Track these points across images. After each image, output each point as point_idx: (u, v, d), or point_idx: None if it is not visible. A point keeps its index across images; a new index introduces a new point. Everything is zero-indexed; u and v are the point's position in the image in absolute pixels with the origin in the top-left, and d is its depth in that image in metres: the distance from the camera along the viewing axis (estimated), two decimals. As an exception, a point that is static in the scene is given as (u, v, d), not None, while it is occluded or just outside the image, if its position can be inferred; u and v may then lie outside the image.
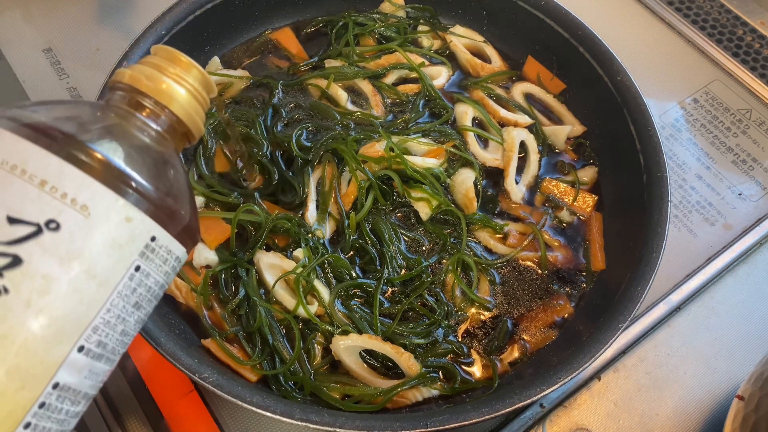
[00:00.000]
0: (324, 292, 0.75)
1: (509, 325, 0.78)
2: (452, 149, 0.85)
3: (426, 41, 0.99)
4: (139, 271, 0.48)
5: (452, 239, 0.81)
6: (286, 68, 0.95)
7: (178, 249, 0.52)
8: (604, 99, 0.87)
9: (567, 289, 0.81)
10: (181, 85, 0.54)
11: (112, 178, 0.46)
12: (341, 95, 0.90)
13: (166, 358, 0.64)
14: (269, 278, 0.76)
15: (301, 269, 0.74)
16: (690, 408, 0.80)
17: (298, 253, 0.77)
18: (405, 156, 0.81)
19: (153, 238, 0.48)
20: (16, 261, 0.42)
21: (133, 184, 0.47)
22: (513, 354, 0.76)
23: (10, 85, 0.99)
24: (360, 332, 0.73)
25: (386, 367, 0.73)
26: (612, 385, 0.81)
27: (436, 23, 1.00)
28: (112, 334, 0.47)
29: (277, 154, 0.85)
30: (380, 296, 0.76)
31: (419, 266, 0.78)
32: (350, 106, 0.90)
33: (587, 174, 0.89)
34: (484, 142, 0.90)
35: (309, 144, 0.85)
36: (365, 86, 0.92)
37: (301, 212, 0.81)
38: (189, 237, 0.53)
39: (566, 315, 0.79)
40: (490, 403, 0.64)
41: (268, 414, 0.62)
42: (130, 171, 0.47)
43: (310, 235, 0.78)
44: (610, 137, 0.88)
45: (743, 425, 0.67)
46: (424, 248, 0.81)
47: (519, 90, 0.95)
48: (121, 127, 0.51)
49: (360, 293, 0.77)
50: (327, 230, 0.80)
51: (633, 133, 0.82)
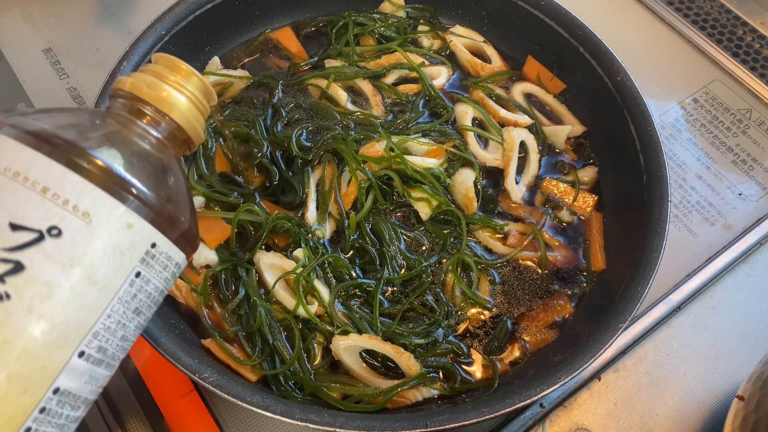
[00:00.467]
0: (324, 292, 0.75)
1: (509, 325, 0.78)
2: (452, 149, 0.85)
3: (426, 41, 0.99)
4: (140, 277, 0.48)
5: (452, 239, 0.81)
6: (286, 68, 0.95)
7: (178, 255, 0.52)
8: (604, 99, 0.87)
9: (567, 289, 0.81)
10: (182, 93, 0.54)
11: (114, 185, 0.46)
12: (341, 95, 0.90)
13: (166, 358, 0.64)
14: (269, 278, 0.76)
15: (301, 269, 0.75)
16: (690, 408, 0.80)
17: (298, 253, 0.77)
18: (405, 156, 0.81)
19: (153, 245, 0.48)
20: (18, 267, 0.43)
21: (134, 191, 0.47)
22: (513, 354, 0.76)
23: (10, 85, 0.99)
24: (360, 332, 0.73)
25: (386, 367, 0.73)
26: (612, 385, 0.81)
27: (436, 23, 1.00)
28: (112, 339, 0.48)
29: (277, 154, 0.85)
30: (380, 296, 0.76)
31: (419, 266, 0.78)
32: (350, 106, 0.90)
33: (587, 174, 0.89)
34: (484, 142, 0.90)
35: (309, 144, 0.85)
36: (365, 86, 0.92)
37: (301, 212, 0.81)
38: (188, 243, 0.53)
39: (566, 315, 0.79)
40: (490, 403, 0.64)
41: (268, 414, 0.62)
42: (131, 178, 0.47)
43: (310, 235, 0.79)
44: (610, 137, 0.88)
45: (743, 425, 0.67)
46: (424, 248, 0.81)
47: (519, 90, 0.95)
48: (123, 135, 0.51)
49: (360, 293, 0.77)
50: (327, 230, 0.80)
51: (633, 133, 0.82)
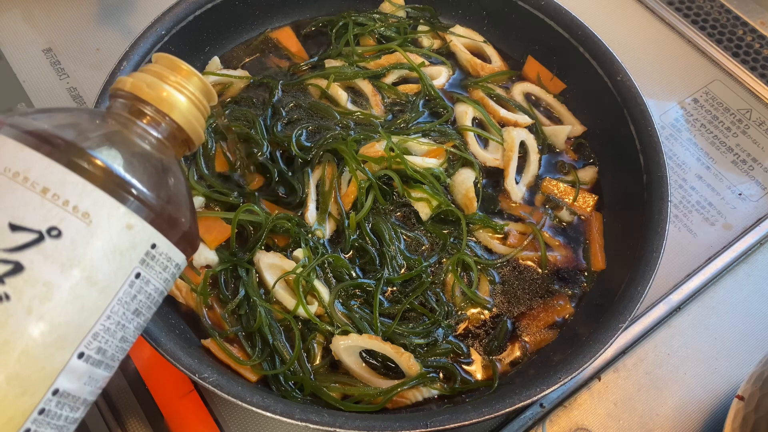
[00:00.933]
0: (324, 292, 0.75)
1: (509, 324, 0.78)
2: (452, 149, 0.85)
3: (426, 41, 0.99)
4: (140, 278, 0.48)
5: (452, 239, 0.81)
6: (286, 68, 0.95)
7: (178, 256, 0.52)
8: (604, 99, 0.87)
9: (567, 289, 0.81)
10: (182, 93, 0.54)
11: (114, 186, 0.46)
12: (341, 95, 0.90)
13: (166, 358, 0.64)
14: (269, 278, 0.76)
15: (301, 269, 0.75)
16: (690, 408, 0.80)
17: (298, 253, 0.77)
18: (405, 156, 0.81)
19: (153, 246, 0.48)
20: (17, 268, 0.43)
21: (135, 192, 0.47)
22: (513, 354, 0.76)
23: (10, 85, 0.99)
24: (360, 332, 0.73)
25: (386, 367, 0.73)
26: (612, 385, 0.81)
27: (436, 23, 1.00)
28: (111, 340, 0.47)
29: (277, 154, 0.85)
30: (380, 296, 0.76)
31: (419, 266, 0.78)
32: (350, 106, 0.90)
33: (587, 174, 0.89)
34: (484, 142, 0.90)
35: (309, 144, 0.85)
36: (365, 86, 0.92)
37: (300, 212, 0.81)
38: (189, 244, 0.53)
39: (566, 315, 0.79)
40: (490, 403, 0.64)
41: (268, 414, 0.62)
42: (131, 178, 0.47)
43: (310, 235, 0.78)
44: (610, 137, 0.88)
45: (743, 425, 0.67)
46: (424, 248, 0.81)
47: (519, 90, 0.95)
48: (123, 135, 0.51)
49: (360, 293, 0.77)
50: (327, 230, 0.80)
51: (633, 133, 0.82)
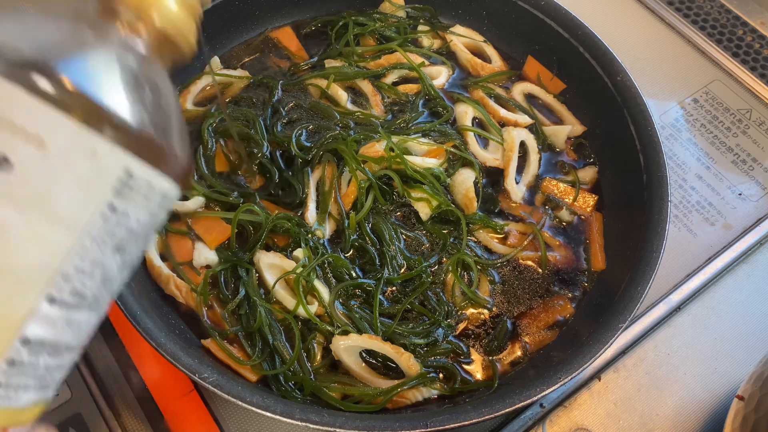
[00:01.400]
0: (324, 292, 0.75)
1: (509, 325, 0.78)
2: (452, 149, 0.85)
3: (426, 41, 0.99)
4: (115, 211, 0.41)
5: (452, 239, 0.81)
6: (286, 68, 0.95)
7: (163, 184, 0.44)
8: (604, 99, 0.87)
9: (567, 290, 0.81)
10: None
11: (72, 104, 0.38)
12: (341, 95, 0.90)
13: (166, 358, 0.64)
14: (269, 278, 0.76)
15: (301, 269, 0.75)
16: (690, 408, 0.80)
17: (298, 253, 0.77)
18: (405, 156, 0.81)
19: (129, 174, 0.41)
20: None
21: (100, 111, 0.39)
22: (513, 354, 0.76)
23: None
24: (360, 332, 0.73)
25: (386, 367, 0.73)
26: (612, 385, 0.81)
27: (436, 23, 1.00)
28: (89, 281, 0.41)
29: (277, 154, 0.85)
30: (380, 296, 0.76)
31: (419, 266, 0.78)
32: (350, 106, 0.90)
33: (587, 174, 0.89)
34: (484, 142, 0.90)
35: (309, 144, 0.85)
36: (365, 86, 0.92)
37: (300, 212, 0.81)
38: (178, 169, 0.45)
39: (567, 315, 0.79)
40: (490, 403, 0.64)
41: (268, 414, 0.62)
42: (94, 94, 0.39)
43: (309, 236, 0.78)
44: (610, 137, 0.88)
45: (743, 425, 0.67)
46: (424, 248, 0.81)
47: (519, 90, 0.95)
48: (87, 42, 0.42)
49: (360, 293, 0.77)
50: (327, 230, 0.80)
51: (633, 133, 0.82)
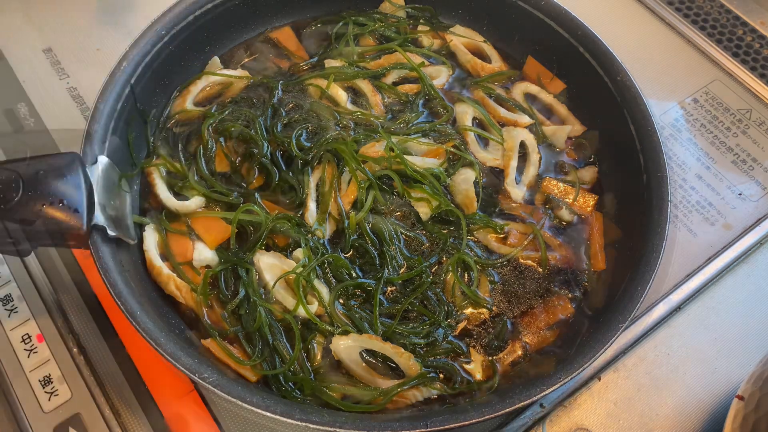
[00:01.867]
0: (324, 292, 0.75)
1: (509, 325, 0.78)
2: (452, 149, 0.85)
3: (426, 41, 0.99)
4: None
5: (452, 239, 0.81)
6: (286, 68, 0.95)
7: None
8: (604, 99, 0.87)
9: (567, 291, 0.81)
10: None
11: None
12: (341, 95, 0.90)
13: (165, 358, 0.64)
14: (269, 278, 0.76)
15: (301, 269, 0.74)
16: (690, 408, 0.80)
17: (298, 253, 0.77)
18: (405, 156, 0.81)
19: None
20: None
21: None
22: (513, 354, 0.76)
23: (10, 85, 0.99)
24: (360, 332, 0.73)
25: (387, 367, 0.73)
26: (612, 385, 0.81)
27: (436, 23, 1.00)
28: None
29: (278, 154, 0.85)
30: (380, 296, 0.76)
31: (419, 266, 0.78)
32: (350, 106, 0.90)
33: (587, 174, 0.89)
34: (484, 142, 0.90)
35: (309, 144, 0.85)
36: (365, 86, 0.92)
37: (301, 212, 0.81)
38: None
39: (567, 315, 0.79)
40: (490, 403, 0.64)
41: (268, 414, 0.62)
42: None
43: (309, 236, 0.78)
44: (610, 137, 0.88)
45: (743, 425, 0.67)
46: (424, 248, 0.81)
47: (519, 90, 0.95)
48: None
49: (360, 293, 0.77)
50: (327, 230, 0.80)
51: (633, 133, 0.83)
